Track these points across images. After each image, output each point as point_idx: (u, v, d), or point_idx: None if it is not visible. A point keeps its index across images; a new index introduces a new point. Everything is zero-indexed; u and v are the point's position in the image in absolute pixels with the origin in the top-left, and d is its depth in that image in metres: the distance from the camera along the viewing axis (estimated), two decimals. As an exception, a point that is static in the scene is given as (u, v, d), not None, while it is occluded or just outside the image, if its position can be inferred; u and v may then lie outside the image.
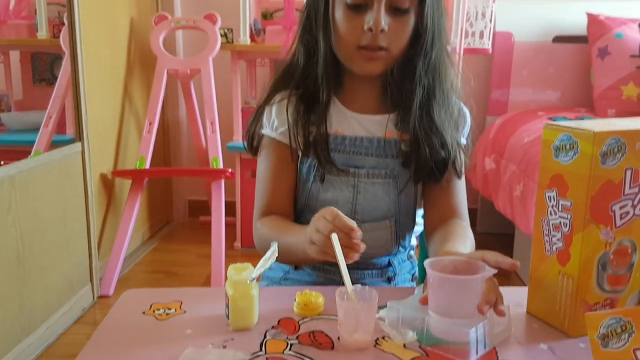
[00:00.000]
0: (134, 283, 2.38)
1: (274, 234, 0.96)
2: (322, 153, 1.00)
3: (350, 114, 1.03)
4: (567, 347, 0.74)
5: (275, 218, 1.01)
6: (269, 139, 1.05)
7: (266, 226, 1.00)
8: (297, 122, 1.01)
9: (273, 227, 0.99)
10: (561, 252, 0.77)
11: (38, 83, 2.54)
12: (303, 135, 1.01)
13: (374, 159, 1.01)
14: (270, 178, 1.04)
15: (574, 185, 0.74)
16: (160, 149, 3.05)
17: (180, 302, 0.85)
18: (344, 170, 1.01)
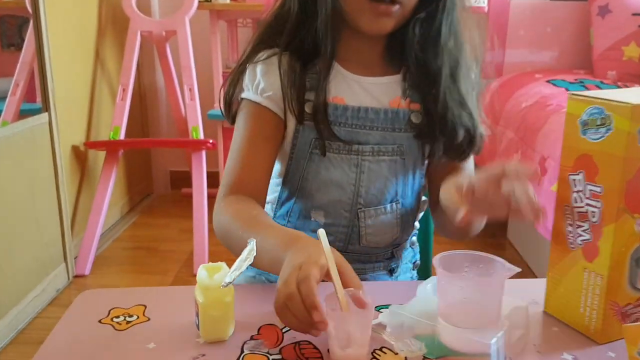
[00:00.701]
0: (113, 261, 2.27)
1: (238, 225, 0.79)
2: (323, 124, 0.86)
3: (350, 76, 0.89)
4: (595, 356, 0.64)
5: (244, 201, 0.84)
6: (250, 104, 0.89)
7: (230, 211, 0.82)
8: (294, 84, 0.86)
9: (238, 216, 0.81)
10: (588, 245, 0.66)
11: (7, 48, 2.36)
12: (298, 101, 0.86)
13: (379, 134, 0.88)
14: (247, 149, 0.87)
15: (605, 168, 0.63)
16: (137, 117, 2.89)
17: (144, 306, 0.73)
18: (346, 147, 0.87)
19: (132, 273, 2.21)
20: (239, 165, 0.87)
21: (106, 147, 2.32)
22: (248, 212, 0.82)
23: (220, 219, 0.83)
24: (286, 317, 0.62)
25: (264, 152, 0.88)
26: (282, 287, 0.62)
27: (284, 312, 0.61)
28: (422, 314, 0.65)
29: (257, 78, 0.88)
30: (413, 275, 1.02)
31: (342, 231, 0.90)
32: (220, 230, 0.83)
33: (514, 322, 0.65)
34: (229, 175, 0.87)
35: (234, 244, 0.78)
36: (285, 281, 0.62)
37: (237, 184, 0.86)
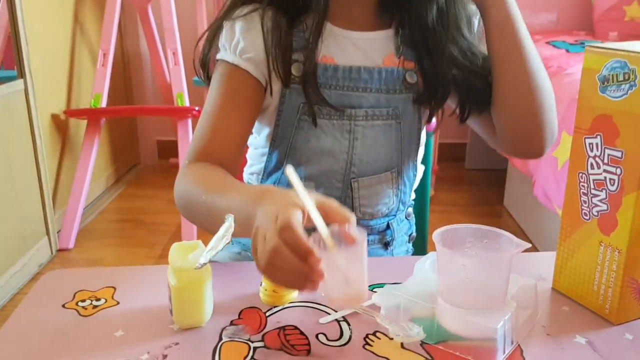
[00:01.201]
0: (97, 234, 2.19)
1: (200, 190, 0.70)
2: (312, 88, 0.78)
3: (339, 32, 0.81)
4: (611, 339, 0.58)
5: (208, 167, 0.75)
6: (227, 65, 0.79)
7: (191, 178, 0.73)
8: (279, 44, 0.77)
9: (200, 181, 0.72)
10: (605, 216, 0.59)
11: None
12: (284, 63, 0.77)
13: (373, 96, 0.80)
14: (218, 115, 0.78)
15: (628, 129, 0.55)
16: (121, 85, 2.78)
17: (113, 288, 0.67)
18: (338, 112, 0.79)
19: (117, 246, 2.14)
20: (208, 131, 0.78)
21: (87, 116, 2.22)
22: (211, 175, 0.73)
23: (181, 188, 0.74)
24: (276, 275, 0.52)
25: (238, 118, 0.79)
26: (263, 244, 0.52)
27: (271, 271, 0.52)
28: (420, 295, 0.59)
29: (235, 37, 0.79)
30: (409, 249, 0.95)
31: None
32: (180, 200, 0.74)
33: (522, 302, 0.58)
34: (196, 141, 0.78)
35: (197, 214, 0.71)
36: (264, 236, 0.52)
37: (205, 151, 0.77)
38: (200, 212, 0.69)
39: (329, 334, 0.58)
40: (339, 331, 0.59)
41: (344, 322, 0.60)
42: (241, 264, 0.76)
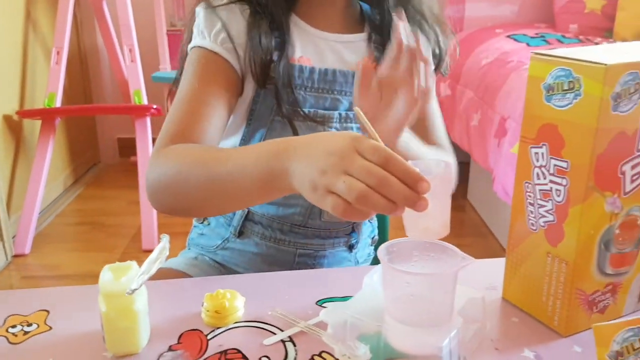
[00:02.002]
0: (55, 238, 2.13)
1: (190, 160, 0.63)
2: (284, 91, 0.75)
3: (316, 32, 0.80)
4: (559, 352, 0.57)
5: (191, 144, 0.69)
6: (204, 51, 0.75)
7: (176, 154, 0.67)
8: (259, 40, 0.74)
9: (188, 153, 0.66)
10: (552, 227, 0.58)
11: None
12: (262, 64, 0.74)
13: (347, 99, 0.80)
14: (195, 98, 0.72)
15: (573, 139, 0.54)
16: (79, 82, 2.70)
17: (46, 312, 0.63)
18: (311, 114, 0.77)
19: (76, 251, 2.07)
20: (185, 113, 0.72)
21: (41, 116, 2.14)
22: (201, 148, 0.67)
23: (160, 169, 0.67)
24: (378, 204, 0.48)
25: (217, 103, 0.73)
26: (366, 175, 0.47)
27: (371, 200, 0.47)
28: (367, 311, 0.57)
29: (216, 25, 0.75)
30: (371, 252, 0.95)
31: (303, 205, 0.81)
32: (160, 181, 0.66)
33: (469, 316, 0.57)
34: (171, 124, 0.71)
35: (187, 189, 0.64)
36: (347, 169, 0.48)
37: (182, 134, 0.70)
38: (192, 186, 0.63)
39: (272, 357, 0.56)
40: (284, 353, 0.57)
41: (290, 342, 0.58)
42: (182, 282, 0.73)
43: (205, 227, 0.89)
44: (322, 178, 0.49)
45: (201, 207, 0.67)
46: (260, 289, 0.67)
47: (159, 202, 0.69)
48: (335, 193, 0.48)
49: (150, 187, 0.68)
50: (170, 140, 0.70)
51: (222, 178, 0.60)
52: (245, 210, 0.83)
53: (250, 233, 0.84)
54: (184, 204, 0.67)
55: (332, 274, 0.77)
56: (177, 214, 0.71)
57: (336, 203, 0.48)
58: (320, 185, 0.49)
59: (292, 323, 0.60)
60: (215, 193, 0.61)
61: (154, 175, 0.67)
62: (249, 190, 0.58)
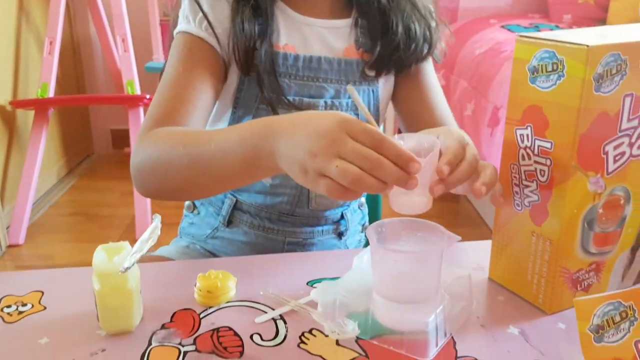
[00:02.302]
0: (49, 228, 2.13)
1: (175, 143, 0.64)
2: (268, 79, 0.75)
3: (300, 18, 0.79)
4: (543, 329, 0.58)
5: (176, 128, 0.69)
6: (189, 36, 0.75)
7: (160, 136, 0.67)
8: (243, 31, 0.74)
9: (173, 137, 0.66)
10: (536, 207, 0.59)
11: None
12: (246, 51, 0.75)
13: (333, 87, 0.79)
14: (180, 82, 0.72)
15: (556, 120, 0.55)
16: (72, 73, 2.69)
17: (41, 292, 0.64)
18: (296, 102, 0.77)
19: (69, 241, 2.08)
20: (170, 97, 0.72)
21: (34, 106, 2.14)
22: (185, 131, 0.68)
23: (145, 151, 0.67)
24: (371, 186, 0.49)
25: (201, 88, 0.73)
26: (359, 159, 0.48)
27: (364, 183, 0.49)
28: (356, 290, 0.58)
29: (200, 12, 0.75)
30: (361, 238, 0.95)
31: (291, 193, 0.82)
32: (145, 163, 0.67)
33: (455, 293, 0.58)
34: (157, 108, 0.71)
35: (172, 171, 0.64)
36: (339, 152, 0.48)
37: (167, 118, 0.70)
38: (176, 167, 0.63)
39: (264, 334, 0.57)
40: (275, 330, 0.58)
41: (281, 320, 0.59)
42: (174, 264, 0.74)
43: (195, 217, 0.90)
44: (314, 161, 0.50)
45: (186, 189, 0.67)
46: (251, 271, 0.68)
47: (144, 185, 0.69)
48: (327, 176, 0.49)
49: (135, 170, 0.68)
50: (155, 124, 0.69)
51: (205, 159, 0.60)
52: (234, 200, 0.84)
53: (239, 222, 0.85)
54: (169, 186, 0.67)
55: (322, 256, 0.78)
56: (162, 197, 0.71)
57: (330, 186, 0.49)
58: (311, 168, 0.50)
59: (283, 302, 0.61)
60: (199, 174, 0.62)
61: (139, 159, 0.68)
62: (233, 170, 0.58)
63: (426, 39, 0.83)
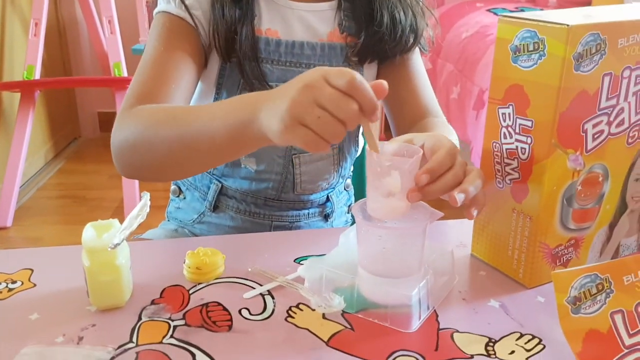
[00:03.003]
0: (37, 211, 2.12)
1: (158, 120, 0.63)
2: (249, 65, 0.75)
3: (283, 2, 0.79)
4: (523, 302, 0.60)
5: (159, 105, 0.68)
6: (169, 16, 0.74)
7: (143, 114, 0.66)
8: (222, 11, 0.73)
9: (156, 113, 0.65)
10: (517, 185, 0.60)
11: None
12: (225, 35, 0.74)
13: None
14: (160, 61, 0.71)
15: (537, 99, 0.56)
16: (58, 55, 2.67)
17: (30, 270, 0.65)
18: None
19: (58, 224, 2.07)
20: (149, 77, 0.70)
21: (20, 88, 2.12)
22: (169, 107, 0.67)
23: (128, 128, 0.66)
24: (341, 135, 0.50)
25: (183, 67, 0.72)
26: (329, 97, 0.48)
27: (340, 136, 0.50)
28: (342, 265, 0.59)
29: None
30: (348, 219, 0.96)
31: (276, 179, 0.82)
32: (130, 139, 0.65)
33: (438, 268, 0.60)
34: (138, 85, 0.70)
35: (156, 148, 0.63)
36: (317, 98, 0.48)
37: (147, 96, 0.68)
38: (160, 141, 0.62)
39: (252, 309, 0.58)
40: (263, 305, 0.59)
41: (268, 295, 0.61)
42: (163, 242, 0.75)
43: (181, 201, 0.90)
44: (293, 110, 0.49)
45: (170, 166, 0.66)
46: (239, 248, 0.70)
47: (126, 163, 0.68)
48: (306, 126, 0.49)
49: (117, 148, 0.67)
50: (136, 102, 0.68)
51: (191, 133, 0.60)
52: (219, 185, 0.84)
53: (225, 207, 0.85)
54: (152, 163, 0.66)
55: (309, 234, 0.79)
56: (145, 176, 0.70)
57: (307, 136, 0.49)
58: (291, 116, 0.49)
59: (270, 278, 0.63)
60: (185, 149, 0.61)
61: (121, 136, 0.67)
62: (218, 143, 0.58)
63: (412, 28, 0.82)
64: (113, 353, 0.51)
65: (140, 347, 0.52)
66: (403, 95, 0.85)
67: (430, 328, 0.56)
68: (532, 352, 0.52)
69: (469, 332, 0.55)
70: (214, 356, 0.51)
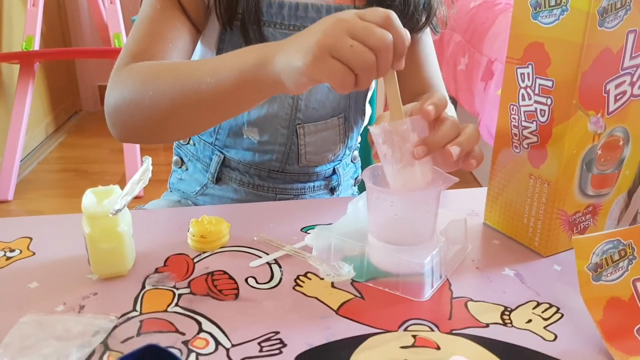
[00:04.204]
0: (38, 184, 2.11)
1: (160, 70, 0.60)
2: (251, 28, 0.72)
3: None
4: (539, 271, 0.58)
5: (158, 62, 0.65)
6: None
7: (141, 69, 0.63)
8: None
9: (157, 65, 0.62)
10: (535, 149, 0.58)
11: None
12: (228, 3, 0.71)
13: None
14: (157, 19, 0.68)
15: (559, 57, 0.53)
16: (57, 27, 2.62)
17: (29, 238, 0.63)
18: None
19: (59, 197, 2.06)
20: (145, 35, 0.67)
21: (19, 60, 2.09)
22: (171, 62, 0.64)
23: (125, 86, 0.62)
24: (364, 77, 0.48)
25: (181, 27, 0.69)
26: (364, 31, 0.46)
27: (372, 71, 0.48)
28: (351, 234, 0.57)
29: None
30: (354, 192, 0.94)
31: (279, 150, 0.79)
32: (126, 97, 0.62)
33: (451, 237, 0.58)
34: (134, 43, 0.67)
35: (158, 97, 0.60)
36: (350, 30, 0.46)
37: (143, 54, 0.65)
38: (161, 95, 0.59)
39: (259, 277, 0.56)
40: (270, 274, 0.57)
41: (275, 264, 0.59)
42: (167, 211, 0.73)
43: (183, 172, 0.88)
44: (324, 40, 0.46)
45: (171, 123, 0.62)
46: (245, 217, 0.68)
47: (122, 124, 0.65)
48: (336, 58, 0.46)
49: (112, 108, 0.64)
50: (130, 60, 0.65)
51: (195, 83, 0.57)
52: (222, 157, 0.82)
53: (228, 179, 0.83)
54: (151, 121, 0.62)
55: (316, 203, 0.77)
56: (142, 136, 0.67)
57: (338, 70, 0.47)
58: (320, 46, 0.46)
59: (277, 247, 0.61)
60: (188, 101, 0.58)
61: (117, 94, 0.63)
62: (224, 91, 0.55)
63: (425, 6, 0.78)
64: (116, 322, 0.49)
65: (144, 316, 0.50)
66: (407, 70, 0.82)
67: (444, 297, 0.54)
68: (550, 321, 0.50)
69: (484, 301, 0.53)
70: (221, 324, 0.49)
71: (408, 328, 0.49)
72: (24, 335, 0.46)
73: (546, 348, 0.47)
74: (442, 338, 0.48)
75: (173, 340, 0.47)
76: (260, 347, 0.47)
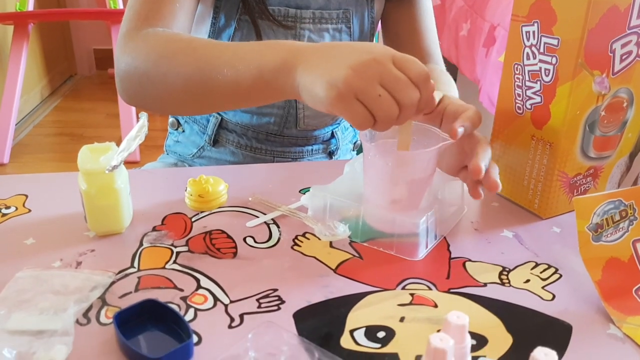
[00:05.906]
0: (34, 148, 2.09)
1: (179, 46, 0.58)
2: None
3: None
4: (538, 232, 0.58)
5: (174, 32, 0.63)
6: None
7: (162, 35, 0.61)
8: None
9: (175, 38, 0.60)
10: (538, 109, 0.57)
11: None
12: None
13: None
14: None
15: (565, 14, 0.52)
16: (50, -13, 2.56)
17: (25, 196, 0.62)
18: (282, 12, 0.72)
19: (55, 161, 2.05)
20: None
21: (13, 20, 2.04)
22: (187, 35, 0.63)
23: (140, 53, 0.60)
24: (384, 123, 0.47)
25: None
26: (396, 83, 0.45)
27: (392, 122, 0.47)
28: (347, 194, 0.57)
29: None
30: (353, 157, 0.93)
31: (278, 113, 0.78)
32: (140, 65, 0.60)
33: (447, 198, 0.58)
34: (138, 5, 0.64)
35: (174, 73, 0.58)
36: (383, 79, 0.45)
37: (152, 15, 0.63)
38: (177, 72, 0.57)
39: (257, 237, 0.56)
40: (268, 233, 0.57)
41: (273, 224, 0.58)
42: (164, 170, 0.72)
43: (179, 134, 0.87)
44: (353, 81, 0.45)
45: (182, 102, 0.61)
46: (242, 178, 0.67)
47: (132, 91, 0.63)
48: (361, 101, 0.45)
49: (124, 73, 0.62)
50: (141, 23, 0.62)
51: (212, 71, 0.55)
52: (219, 118, 0.80)
53: (225, 142, 0.82)
54: (163, 96, 0.61)
55: (314, 165, 0.77)
56: (150, 107, 0.65)
57: (361, 115, 0.45)
58: (348, 87, 0.44)
59: (273, 207, 0.60)
60: (203, 87, 0.56)
61: (129, 61, 0.61)
62: (241, 87, 0.53)
63: None
64: (114, 277, 0.49)
65: (142, 272, 0.50)
66: (405, 36, 0.81)
67: (441, 257, 0.54)
68: (548, 281, 0.50)
69: (482, 261, 0.53)
70: (220, 281, 0.49)
71: (406, 287, 0.49)
72: (21, 289, 0.46)
73: (544, 307, 0.47)
74: (439, 296, 0.48)
75: (171, 296, 0.47)
76: (259, 303, 0.47)
